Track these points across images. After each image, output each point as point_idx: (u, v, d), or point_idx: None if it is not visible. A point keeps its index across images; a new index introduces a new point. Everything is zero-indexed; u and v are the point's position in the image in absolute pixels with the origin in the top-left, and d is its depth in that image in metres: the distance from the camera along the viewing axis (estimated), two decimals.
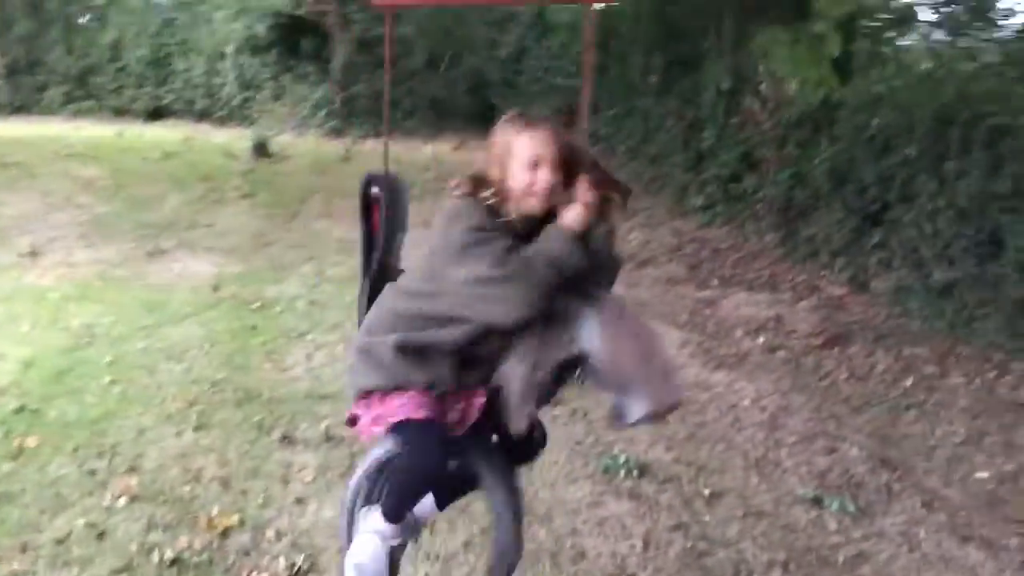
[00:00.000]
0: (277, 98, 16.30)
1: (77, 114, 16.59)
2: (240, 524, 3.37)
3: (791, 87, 8.26)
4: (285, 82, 16.30)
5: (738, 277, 7.48)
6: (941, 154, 6.42)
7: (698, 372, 5.41)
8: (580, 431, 4.43)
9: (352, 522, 2.47)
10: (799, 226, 7.80)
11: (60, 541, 3.15)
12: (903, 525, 3.77)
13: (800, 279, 7.32)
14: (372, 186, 2.67)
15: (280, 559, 3.15)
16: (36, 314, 5.75)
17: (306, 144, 13.84)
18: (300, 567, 3.11)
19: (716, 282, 7.39)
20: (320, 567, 3.14)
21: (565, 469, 4.03)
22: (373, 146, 13.88)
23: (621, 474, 3.99)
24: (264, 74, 16.49)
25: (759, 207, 8.25)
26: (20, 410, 4.31)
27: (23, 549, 3.15)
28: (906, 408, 5.00)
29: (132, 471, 3.70)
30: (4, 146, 12.63)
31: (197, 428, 4.16)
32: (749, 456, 4.36)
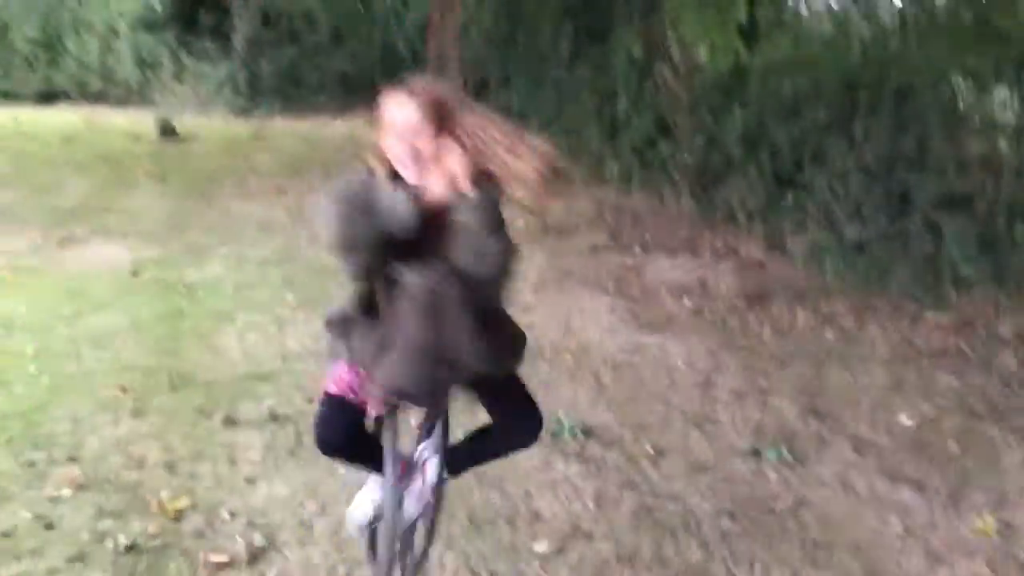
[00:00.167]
0: (178, 77, 15.78)
1: None
2: (192, 507, 3.32)
3: (701, 54, 8.43)
4: (185, 60, 15.78)
5: (659, 242, 7.63)
6: (849, 116, 6.68)
7: (630, 335, 5.52)
8: None
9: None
10: (715, 191, 7.99)
11: (6, 534, 3.05)
12: (837, 470, 3.95)
13: (719, 242, 7.51)
14: None
15: (238, 538, 3.12)
16: None
17: (213, 124, 13.45)
18: (259, 545, 3.09)
19: (638, 248, 7.52)
20: (279, 544, 3.12)
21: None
22: (284, 124, 13.60)
23: (567, 437, 4.07)
24: (162, 52, 15.91)
25: (675, 173, 8.41)
26: None
27: None
28: (829, 360, 5.22)
29: (72, 460, 3.60)
30: None
31: (134, 415, 4.06)
32: (687, 414, 4.49)
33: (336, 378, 2.36)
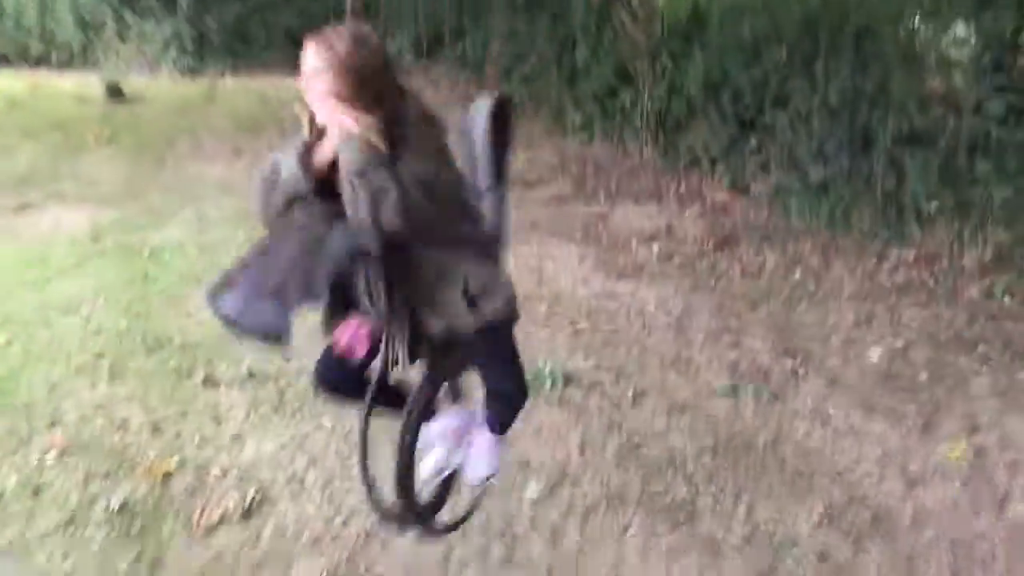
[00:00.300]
0: (121, 37, 15.32)
1: None
2: (180, 466, 3.31)
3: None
4: (128, 19, 15.32)
5: (624, 190, 7.65)
6: (810, 57, 6.71)
7: (602, 283, 5.56)
8: None
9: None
10: (678, 136, 8.00)
11: None
12: (813, 404, 4.04)
13: (683, 188, 7.54)
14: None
15: (230, 495, 3.13)
16: None
17: (161, 85, 13.10)
18: (253, 499, 3.09)
19: (603, 196, 7.53)
20: (272, 498, 3.14)
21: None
22: (234, 83, 13.31)
23: (548, 384, 4.10)
24: (104, 12, 15.42)
25: (637, 120, 8.40)
26: None
27: None
28: (798, 299, 5.31)
29: (54, 425, 3.56)
30: None
31: (112, 379, 4.02)
32: (664, 356, 4.55)
33: None
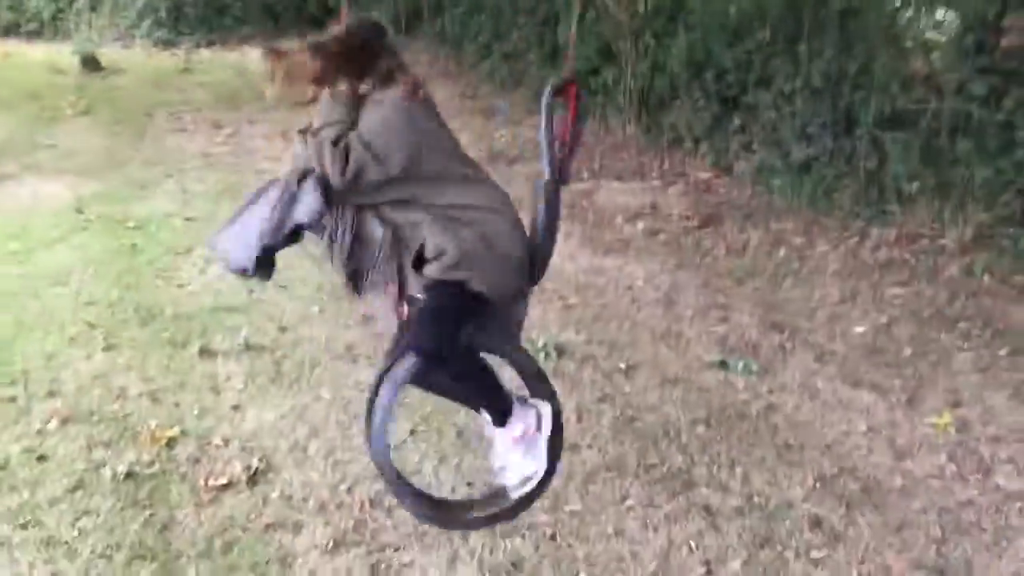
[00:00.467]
0: (93, 8, 15.09)
1: None
2: (182, 435, 3.33)
3: None
4: None
5: (608, 168, 7.69)
6: (794, 38, 6.77)
7: (590, 258, 5.62)
8: None
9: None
10: (661, 115, 8.04)
11: (0, 467, 3.03)
12: (801, 378, 4.13)
13: (667, 166, 7.60)
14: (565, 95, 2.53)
15: (235, 462, 3.15)
16: None
17: (136, 56, 12.93)
18: (257, 468, 3.12)
19: (587, 174, 7.56)
20: (276, 466, 3.17)
21: (489, 357, 4.15)
22: (210, 56, 13.17)
23: (542, 357, 4.15)
24: None
25: (620, 99, 8.43)
26: None
27: None
28: (783, 276, 5.39)
29: (53, 395, 3.56)
30: None
31: (107, 348, 4.02)
32: (654, 330, 4.61)
33: None
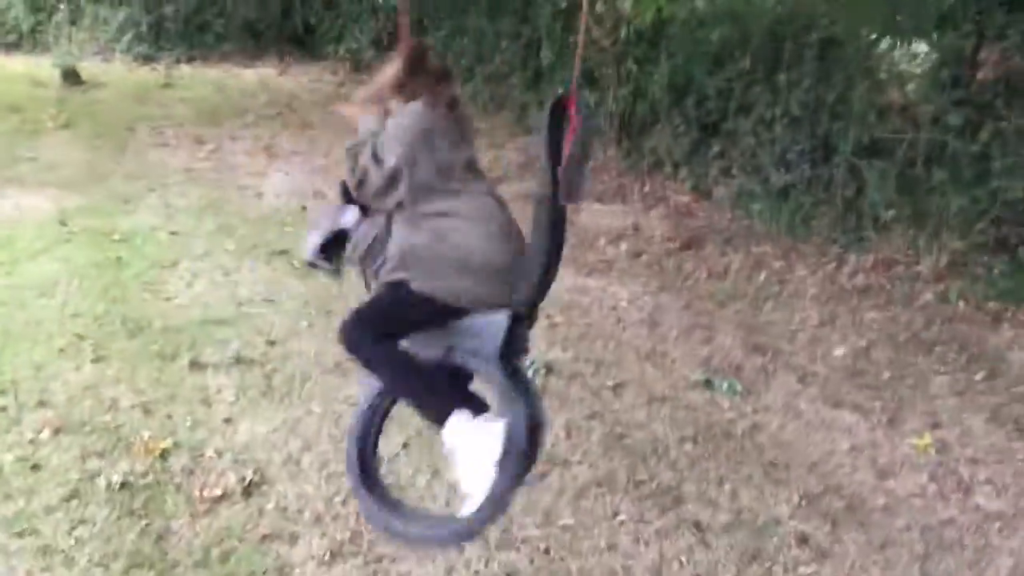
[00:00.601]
0: (73, 21, 15.04)
1: None
2: (175, 446, 3.34)
3: (626, 5, 8.55)
4: (83, 3, 15.02)
5: (589, 190, 7.78)
6: (774, 66, 6.91)
7: (574, 278, 5.68)
8: None
9: None
10: (642, 139, 8.16)
11: None
12: (784, 398, 4.21)
13: (647, 189, 7.70)
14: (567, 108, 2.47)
15: (228, 474, 3.16)
16: None
17: (116, 71, 12.88)
18: (251, 480, 3.13)
19: None
20: (270, 478, 3.18)
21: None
22: (191, 72, 13.16)
23: (530, 373, 4.19)
24: None
25: (601, 122, 8.54)
26: None
27: None
28: (764, 299, 5.49)
29: (43, 405, 3.55)
30: None
31: (96, 360, 4.01)
32: (639, 350, 4.68)
33: None
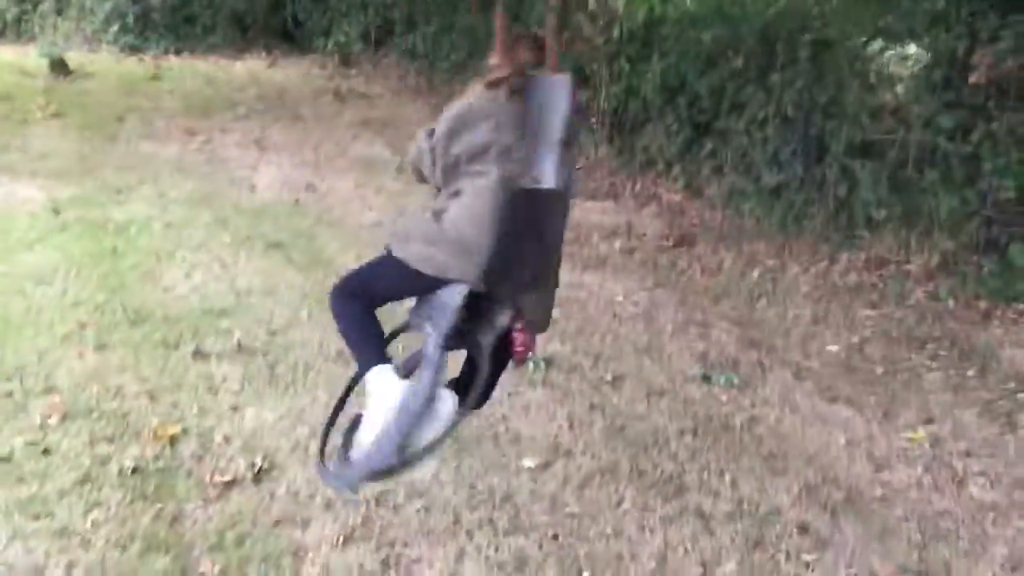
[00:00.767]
0: (59, 11, 14.95)
1: None
2: (184, 433, 3.35)
3: (619, 4, 8.62)
4: None
5: (582, 188, 7.83)
6: (767, 67, 7.00)
7: (570, 274, 5.71)
8: None
9: None
10: (634, 138, 8.23)
11: (4, 459, 3.03)
12: (781, 392, 4.27)
13: (639, 187, 7.77)
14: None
15: (238, 460, 3.18)
16: None
17: (104, 61, 12.80)
18: (261, 466, 3.16)
19: None
20: (279, 465, 3.21)
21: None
22: (179, 64, 13.11)
23: (531, 366, 4.24)
24: None
25: (594, 121, 8.60)
26: None
27: None
28: (758, 296, 5.56)
29: (49, 391, 3.56)
30: None
31: (99, 348, 4.02)
32: (636, 344, 4.74)
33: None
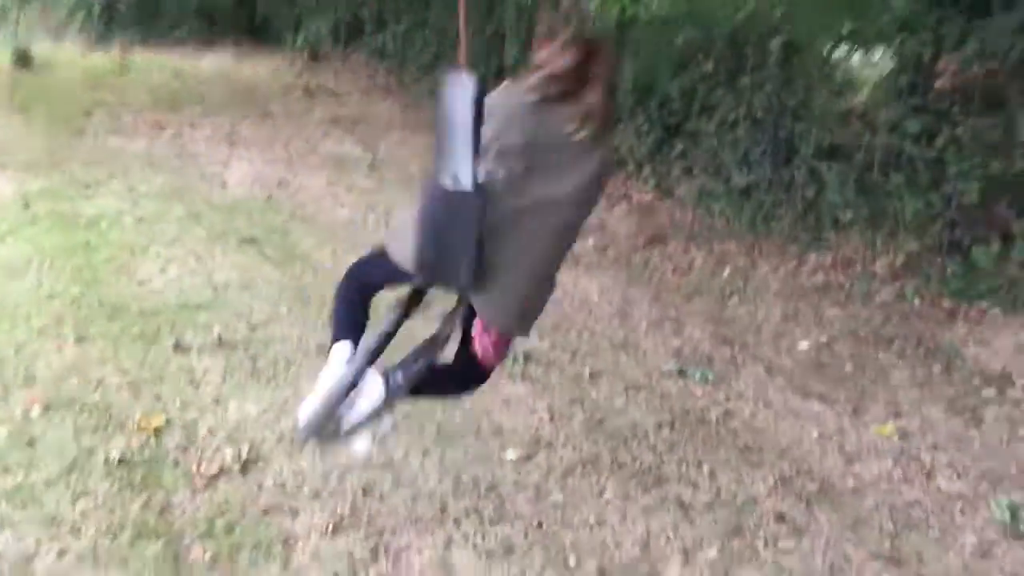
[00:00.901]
0: (23, 2, 14.72)
1: None
2: (168, 424, 3.35)
3: (591, 5, 8.69)
4: None
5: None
6: (737, 70, 7.11)
7: None
8: None
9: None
10: None
11: None
12: (754, 388, 4.37)
13: (611, 188, 7.85)
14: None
15: (224, 451, 3.19)
16: None
17: (68, 54, 12.64)
18: (247, 457, 3.17)
19: None
20: (265, 456, 3.22)
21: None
22: (147, 57, 12.95)
23: (510, 360, 4.28)
24: None
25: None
26: None
27: None
28: (729, 295, 5.66)
29: (29, 383, 3.53)
30: None
31: (78, 341, 3.99)
32: (612, 340, 4.81)
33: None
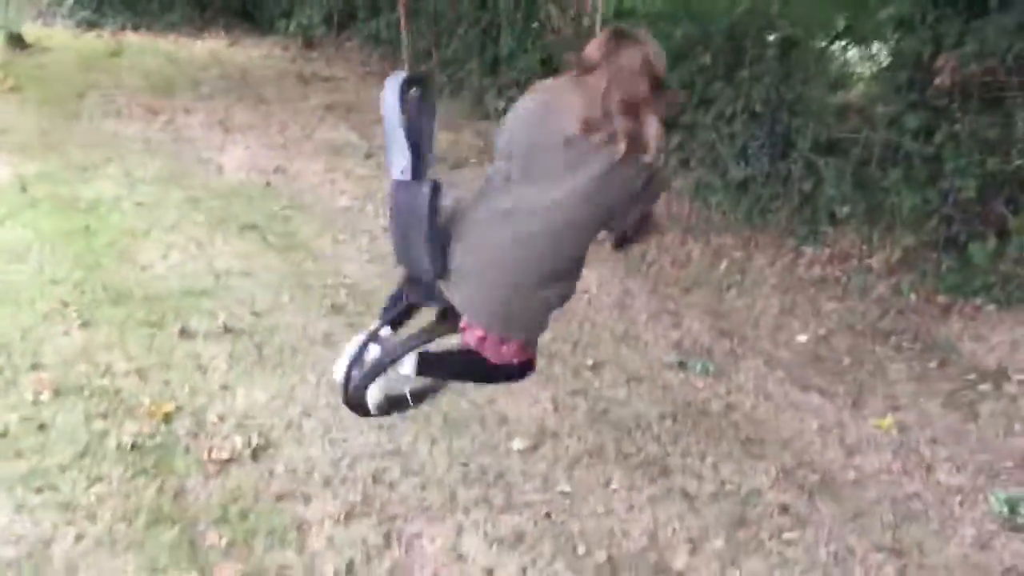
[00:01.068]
0: None
1: None
2: (178, 410, 3.37)
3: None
4: None
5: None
6: (736, 64, 7.13)
7: None
8: None
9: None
10: None
11: (1, 434, 3.02)
12: (754, 380, 4.41)
13: None
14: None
15: (234, 438, 3.21)
16: None
17: (61, 36, 12.53)
18: (257, 444, 3.19)
19: None
20: (275, 443, 3.25)
21: None
22: (138, 40, 12.88)
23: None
24: None
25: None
26: None
27: None
28: (727, 287, 5.70)
29: (37, 368, 3.54)
30: None
31: (84, 326, 3.99)
32: (614, 332, 4.84)
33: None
